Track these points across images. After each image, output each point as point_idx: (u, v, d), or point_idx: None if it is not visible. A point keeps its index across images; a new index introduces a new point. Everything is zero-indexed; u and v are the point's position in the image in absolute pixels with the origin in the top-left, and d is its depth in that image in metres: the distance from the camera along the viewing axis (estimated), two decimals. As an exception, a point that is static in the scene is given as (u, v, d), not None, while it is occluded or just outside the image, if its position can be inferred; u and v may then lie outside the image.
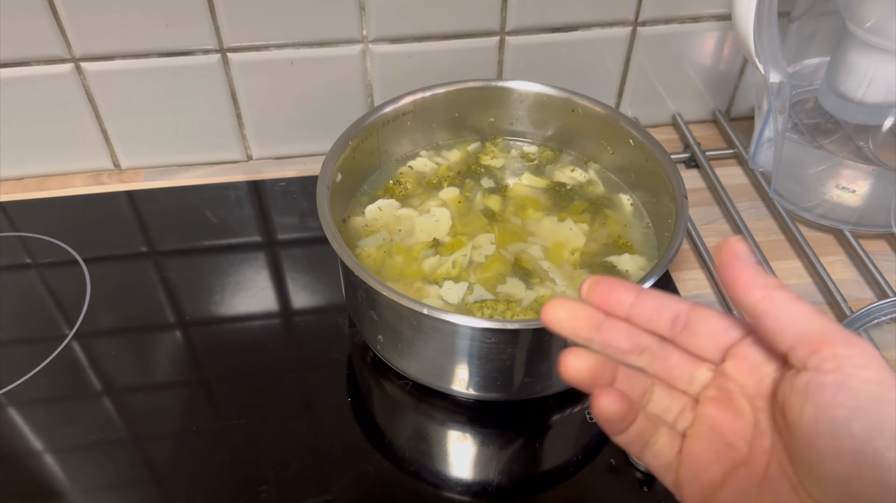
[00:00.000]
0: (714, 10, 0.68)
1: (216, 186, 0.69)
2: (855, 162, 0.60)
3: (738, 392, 0.29)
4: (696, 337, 0.30)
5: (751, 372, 0.29)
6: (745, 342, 0.29)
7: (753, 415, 0.29)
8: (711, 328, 0.30)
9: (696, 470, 0.29)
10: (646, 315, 0.30)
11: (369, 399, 0.53)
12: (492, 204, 0.59)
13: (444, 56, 0.67)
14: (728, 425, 0.29)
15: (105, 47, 0.62)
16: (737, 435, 0.29)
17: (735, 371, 0.29)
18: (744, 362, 0.29)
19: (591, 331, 0.30)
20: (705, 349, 0.30)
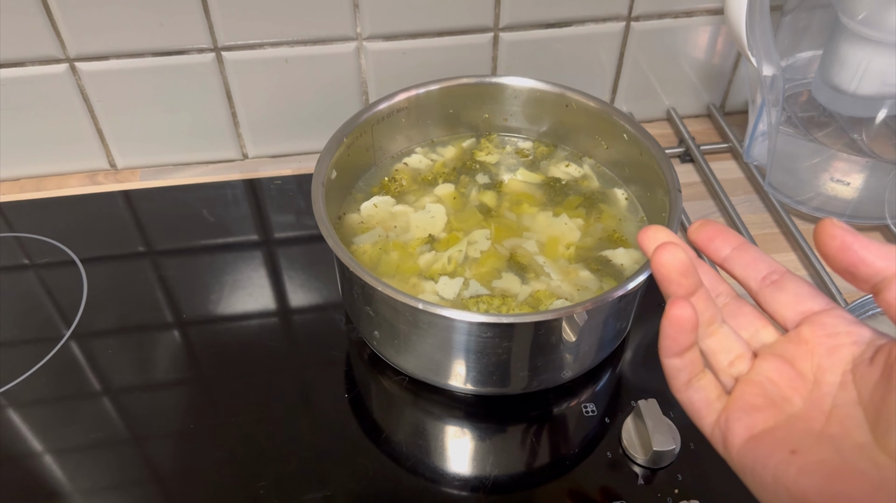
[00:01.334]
0: (707, 5, 0.69)
1: (212, 185, 0.69)
2: (849, 154, 0.60)
3: (806, 355, 0.29)
4: (782, 293, 0.31)
5: (826, 338, 0.29)
6: (828, 312, 0.30)
7: (815, 378, 0.29)
8: (799, 291, 0.30)
9: (747, 409, 0.29)
10: (743, 261, 0.31)
11: (367, 395, 0.53)
12: (487, 200, 0.59)
13: (438, 53, 0.67)
14: (786, 380, 0.29)
15: (99, 47, 0.62)
16: (793, 390, 0.29)
17: (810, 334, 0.30)
18: (822, 328, 0.29)
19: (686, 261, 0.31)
20: (785, 309, 0.30)
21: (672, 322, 0.29)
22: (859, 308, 0.53)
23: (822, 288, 0.59)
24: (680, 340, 0.30)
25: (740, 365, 0.31)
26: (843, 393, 0.28)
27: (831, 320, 0.30)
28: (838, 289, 0.57)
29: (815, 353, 0.29)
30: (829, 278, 0.58)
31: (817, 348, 0.29)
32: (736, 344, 0.31)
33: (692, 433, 0.48)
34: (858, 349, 0.28)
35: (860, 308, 0.53)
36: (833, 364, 0.29)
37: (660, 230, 0.31)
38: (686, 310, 0.29)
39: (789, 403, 0.29)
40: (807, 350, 0.29)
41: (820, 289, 0.58)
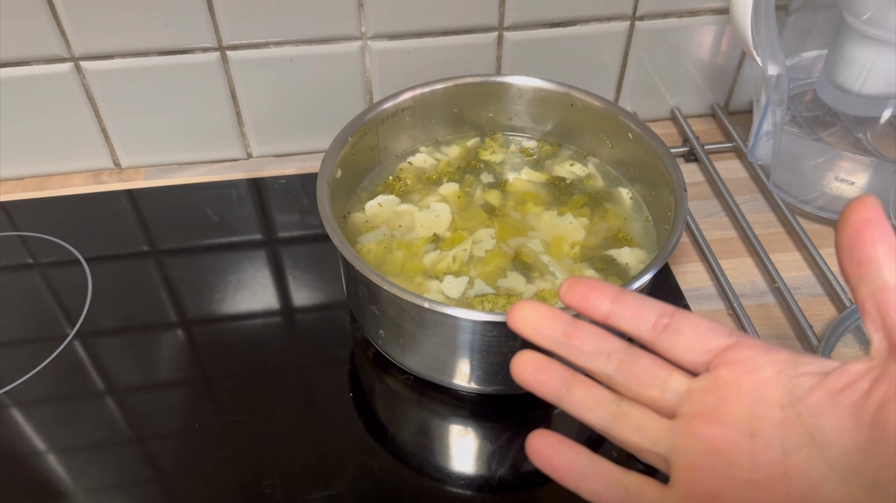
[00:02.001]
0: (712, 4, 0.69)
1: (216, 184, 0.69)
2: (854, 154, 0.60)
3: (732, 401, 0.26)
4: (679, 336, 0.28)
5: (748, 376, 0.26)
6: (738, 345, 0.27)
7: (751, 426, 0.26)
8: (697, 329, 0.28)
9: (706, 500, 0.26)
10: (627, 314, 0.29)
11: (371, 394, 0.53)
12: (491, 199, 0.59)
13: (442, 52, 0.67)
14: (723, 442, 0.26)
15: (104, 46, 0.62)
16: (734, 449, 0.26)
17: (729, 377, 0.27)
18: (740, 365, 0.27)
19: (555, 330, 0.29)
20: (687, 353, 0.28)
21: (537, 459, 0.29)
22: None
23: (826, 287, 0.59)
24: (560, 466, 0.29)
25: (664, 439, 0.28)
26: (789, 434, 0.25)
27: (746, 353, 0.27)
28: (843, 290, 0.57)
29: (741, 397, 0.26)
30: (834, 277, 0.58)
31: (743, 389, 0.26)
32: (646, 418, 0.28)
33: (697, 432, 0.48)
34: (786, 379, 0.26)
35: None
36: (766, 403, 0.26)
37: (524, 308, 0.30)
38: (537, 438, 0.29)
39: (738, 468, 0.26)
40: (731, 395, 0.26)
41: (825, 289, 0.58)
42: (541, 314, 0.30)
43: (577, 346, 0.29)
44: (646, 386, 0.29)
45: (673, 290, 0.59)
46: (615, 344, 0.29)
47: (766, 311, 0.57)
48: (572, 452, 0.29)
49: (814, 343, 0.53)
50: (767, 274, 0.59)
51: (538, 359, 0.30)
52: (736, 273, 0.60)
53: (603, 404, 0.29)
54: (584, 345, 0.29)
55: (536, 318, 0.30)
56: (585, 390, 0.29)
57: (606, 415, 0.29)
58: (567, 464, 0.29)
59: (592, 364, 0.29)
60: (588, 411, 0.29)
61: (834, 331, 0.52)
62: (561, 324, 0.30)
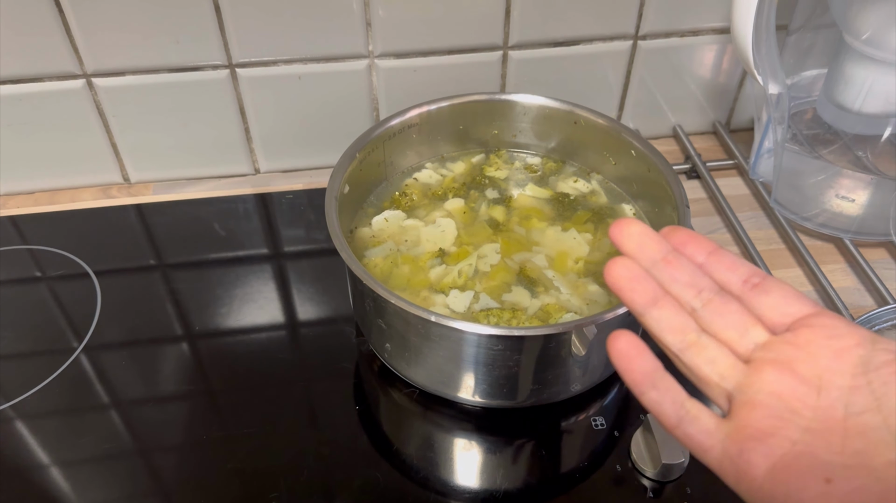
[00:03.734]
0: (713, 24, 0.70)
1: (224, 199, 0.70)
2: (854, 171, 0.61)
3: (807, 359, 0.28)
4: (767, 296, 0.29)
5: (830, 339, 0.28)
6: (822, 314, 0.28)
7: (820, 383, 0.27)
8: (785, 294, 0.29)
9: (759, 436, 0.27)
10: (722, 266, 0.30)
11: (377, 407, 0.53)
12: (496, 214, 0.60)
13: (448, 70, 0.68)
14: (789, 390, 0.27)
15: (116, 63, 0.63)
16: (799, 401, 0.27)
17: (810, 335, 0.28)
18: (823, 329, 0.28)
19: (657, 252, 0.30)
20: (771, 312, 0.29)
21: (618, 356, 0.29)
22: (866, 323, 0.54)
23: (827, 303, 0.59)
24: (636, 369, 0.29)
25: (732, 376, 0.29)
26: (856, 398, 0.26)
27: (830, 321, 0.28)
28: (844, 305, 0.57)
29: (818, 357, 0.27)
30: (835, 293, 0.58)
31: (821, 351, 0.27)
32: (720, 353, 0.29)
33: (701, 447, 0.49)
34: (864, 351, 0.27)
35: (867, 323, 0.54)
36: (840, 367, 0.27)
37: (631, 224, 0.30)
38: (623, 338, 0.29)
39: (799, 416, 0.27)
40: (808, 353, 0.28)
41: (826, 305, 0.59)
42: (646, 233, 0.30)
43: (673, 273, 0.30)
44: (728, 327, 0.29)
45: (676, 306, 0.59)
46: (708, 283, 0.30)
47: (768, 327, 0.58)
48: (652, 360, 0.29)
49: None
50: (770, 290, 0.60)
51: (636, 268, 0.30)
52: (738, 289, 0.61)
53: (684, 329, 0.30)
54: (681, 274, 0.30)
55: (641, 237, 0.30)
56: (672, 311, 0.30)
57: (684, 340, 0.29)
58: (644, 370, 0.29)
59: (683, 293, 0.30)
60: (668, 331, 0.29)
61: (836, 346, 0.52)
62: (662, 249, 0.30)
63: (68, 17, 0.60)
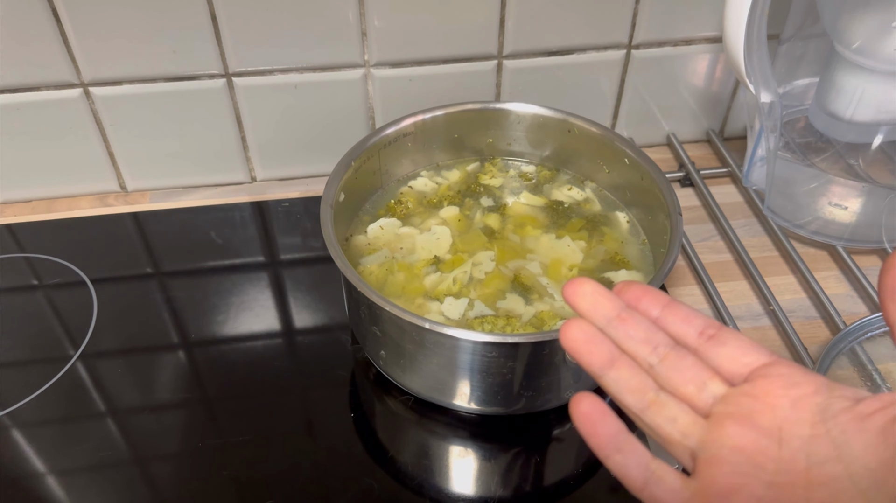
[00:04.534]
0: (706, 33, 0.70)
1: (221, 207, 0.70)
2: (846, 179, 0.61)
3: (766, 410, 0.28)
4: (724, 347, 0.29)
5: (787, 389, 0.28)
6: (778, 363, 0.28)
7: (780, 435, 0.27)
8: (741, 344, 0.29)
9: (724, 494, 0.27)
10: (676, 319, 0.30)
11: (372, 415, 0.53)
12: (491, 222, 0.60)
13: (443, 79, 0.69)
14: (751, 444, 0.27)
15: (114, 72, 0.64)
16: (761, 454, 0.27)
17: (767, 386, 0.28)
18: (780, 379, 0.28)
19: (610, 310, 0.30)
20: (729, 363, 0.29)
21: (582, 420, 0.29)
22: (859, 329, 0.54)
23: (821, 310, 0.59)
24: (601, 433, 0.29)
25: (694, 433, 0.28)
26: (816, 448, 0.26)
27: (787, 370, 0.28)
28: (837, 312, 0.58)
29: (776, 408, 0.27)
30: (828, 300, 0.59)
31: (779, 401, 0.27)
32: (680, 411, 0.29)
33: (695, 453, 0.49)
34: (822, 399, 0.27)
35: (860, 329, 0.54)
36: (799, 416, 0.27)
37: (584, 284, 0.31)
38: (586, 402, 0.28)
39: (762, 470, 0.27)
40: (766, 404, 0.28)
41: (819, 312, 0.59)
42: (599, 292, 0.31)
43: (628, 331, 0.30)
44: (685, 382, 0.29)
45: (670, 313, 0.60)
46: (663, 338, 0.30)
47: (761, 334, 0.58)
48: (615, 422, 0.29)
49: (808, 365, 0.53)
50: (763, 297, 0.60)
51: (590, 330, 0.30)
52: (731, 296, 0.61)
53: (642, 389, 0.30)
54: (635, 331, 0.30)
55: (594, 296, 0.31)
56: (630, 371, 0.30)
57: (643, 400, 0.29)
58: (608, 433, 0.29)
59: (639, 350, 0.30)
60: (627, 392, 0.30)
61: (828, 353, 0.52)
62: (616, 307, 0.31)
63: (65, 26, 0.60)
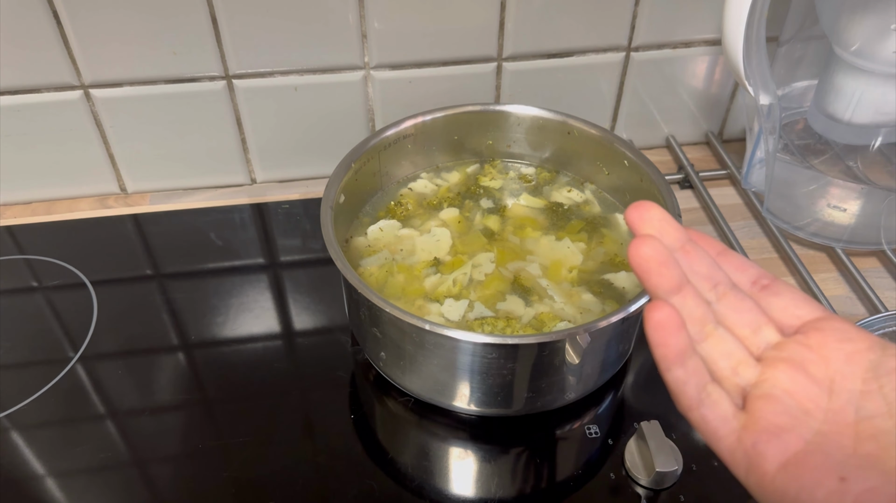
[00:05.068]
0: (705, 36, 0.71)
1: (220, 209, 0.70)
2: (845, 181, 0.61)
3: (819, 361, 0.28)
4: (777, 298, 0.29)
5: (841, 343, 0.28)
6: (834, 319, 0.28)
7: (830, 386, 0.27)
8: (795, 296, 0.29)
9: (774, 430, 0.27)
10: (731, 265, 0.30)
11: (372, 416, 0.53)
12: (491, 224, 0.60)
13: (443, 81, 0.69)
14: (802, 390, 0.27)
15: (114, 75, 0.64)
16: (811, 402, 0.27)
17: (822, 339, 0.28)
18: (834, 333, 0.28)
19: (676, 240, 0.29)
20: (781, 313, 0.29)
21: (655, 328, 0.27)
22: (858, 331, 0.54)
23: (821, 312, 0.59)
24: (671, 344, 0.28)
25: (745, 372, 0.29)
26: (867, 403, 0.27)
27: (841, 325, 0.28)
28: (836, 313, 0.58)
29: (829, 360, 0.28)
30: (827, 302, 0.59)
31: (832, 353, 0.28)
32: (736, 347, 0.29)
33: (694, 454, 0.49)
34: (875, 356, 0.27)
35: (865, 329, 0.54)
36: (852, 371, 0.27)
37: (651, 208, 0.29)
38: (665, 311, 0.27)
39: (811, 417, 0.27)
40: (819, 355, 0.28)
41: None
42: (666, 219, 0.30)
43: (692, 264, 0.29)
44: (741, 324, 0.29)
45: (669, 314, 0.60)
46: (724, 277, 0.30)
47: (761, 335, 0.58)
48: (687, 338, 0.28)
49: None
50: (762, 298, 0.60)
51: (664, 250, 0.28)
52: (731, 297, 0.61)
53: (703, 319, 0.29)
54: (698, 265, 0.29)
55: (661, 222, 0.29)
56: (694, 300, 0.29)
57: (702, 331, 0.29)
58: (679, 346, 0.28)
59: (700, 285, 0.29)
60: (689, 320, 0.29)
61: (828, 354, 0.52)
62: (681, 238, 0.30)
63: (66, 28, 0.60)
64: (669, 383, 0.29)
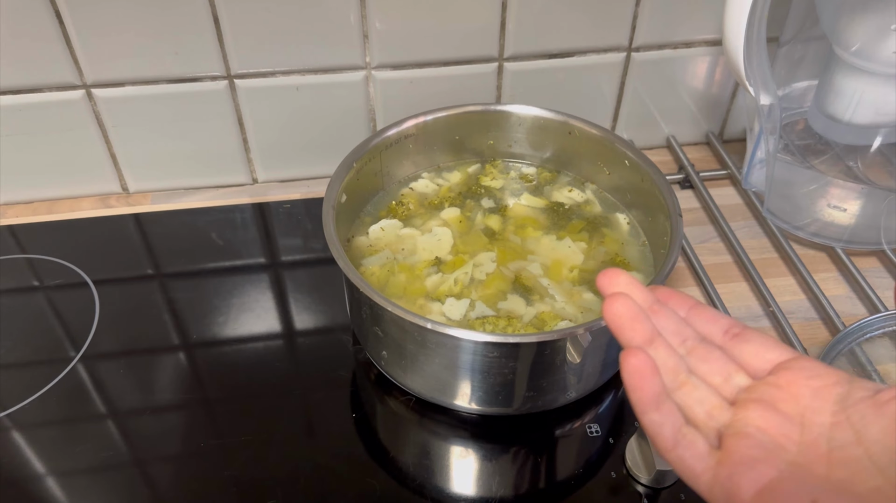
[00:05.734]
0: (706, 36, 0.71)
1: (222, 209, 0.70)
2: (845, 181, 0.62)
3: (789, 399, 0.29)
4: (748, 345, 0.31)
5: (809, 380, 0.29)
6: (801, 358, 0.30)
7: (802, 421, 0.29)
8: (764, 342, 0.31)
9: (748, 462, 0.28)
10: (703, 318, 0.32)
11: (373, 415, 0.53)
12: (492, 223, 0.60)
13: (444, 81, 0.69)
14: (774, 427, 0.29)
15: (116, 74, 0.64)
16: (784, 436, 0.29)
17: (790, 377, 0.30)
18: (801, 371, 0.30)
19: (644, 301, 0.31)
20: (752, 359, 0.31)
21: (631, 373, 0.29)
22: (858, 331, 0.54)
23: (820, 311, 0.60)
24: (647, 388, 0.29)
25: (720, 415, 0.30)
26: (837, 434, 0.28)
27: (809, 364, 0.30)
28: (836, 313, 0.58)
29: (799, 396, 0.29)
30: (827, 302, 0.59)
31: (802, 390, 0.29)
32: (709, 394, 0.31)
33: (695, 454, 0.49)
34: (842, 389, 0.29)
35: (859, 331, 0.54)
36: (821, 405, 0.29)
37: (618, 275, 0.32)
38: (640, 356, 0.29)
39: (784, 451, 0.28)
40: (789, 393, 0.29)
41: (819, 313, 0.59)
42: (633, 283, 0.32)
43: (659, 321, 0.32)
44: (712, 373, 0.31)
45: (670, 314, 0.60)
46: (691, 333, 0.32)
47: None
48: (661, 382, 0.30)
49: (809, 366, 0.53)
50: (762, 298, 0.60)
51: (635, 306, 0.31)
52: (731, 297, 0.61)
53: (677, 368, 0.31)
54: (665, 322, 0.32)
55: (629, 286, 0.32)
56: (666, 351, 0.31)
57: (676, 379, 0.31)
58: (653, 392, 0.30)
59: (669, 340, 0.31)
60: (662, 369, 0.30)
61: (828, 353, 0.53)
62: (648, 299, 0.32)
63: (68, 27, 0.60)
64: (646, 426, 0.30)
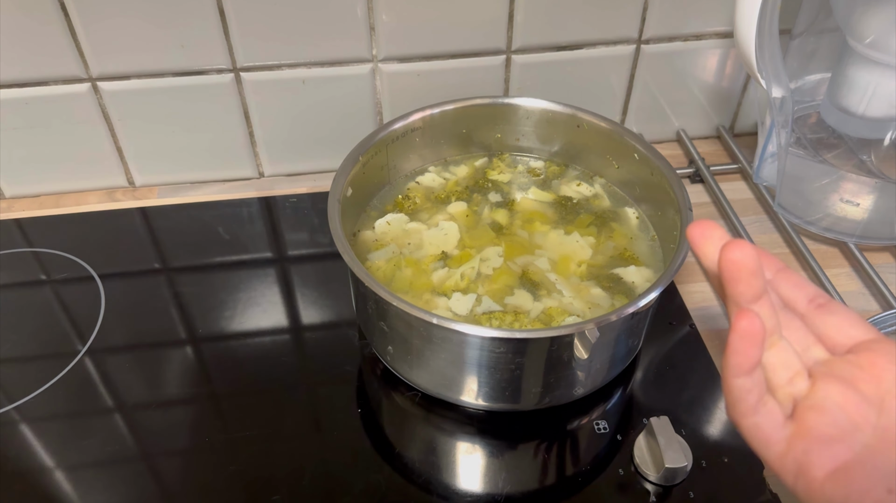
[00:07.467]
0: (716, 28, 0.70)
1: (228, 203, 0.70)
2: (858, 175, 0.61)
3: (870, 380, 0.29)
4: (832, 317, 0.30)
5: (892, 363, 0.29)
6: (885, 341, 0.30)
7: (880, 405, 0.28)
8: (849, 317, 0.30)
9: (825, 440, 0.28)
10: (789, 283, 0.31)
11: (379, 411, 0.53)
12: (499, 217, 0.60)
13: (451, 74, 0.69)
14: (852, 406, 0.28)
15: (122, 67, 0.64)
16: (861, 417, 0.28)
17: (873, 359, 0.29)
18: (886, 355, 0.29)
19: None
20: (834, 332, 0.30)
21: (742, 335, 0.28)
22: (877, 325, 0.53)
23: (833, 308, 0.59)
24: (750, 355, 0.28)
25: (798, 383, 0.30)
26: None
27: (893, 348, 0.29)
28: (850, 309, 0.57)
29: (881, 379, 0.29)
30: (840, 298, 0.58)
31: (884, 374, 0.29)
32: (794, 359, 0.30)
33: (704, 450, 0.49)
34: None
35: (877, 325, 0.53)
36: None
37: (714, 228, 0.30)
38: (755, 323, 0.27)
39: (860, 431, 0.28)
40: (871, 374, 0.29)
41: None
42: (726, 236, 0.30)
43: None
44: (792, 341, 0.30)
45: (679, 310, 0.59)
46: (776, 298, 0.31)
47: (772, 331, 0.58)
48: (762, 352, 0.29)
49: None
50: (773, 294, 0.60)
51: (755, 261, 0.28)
52: (742, 293, 0.61)
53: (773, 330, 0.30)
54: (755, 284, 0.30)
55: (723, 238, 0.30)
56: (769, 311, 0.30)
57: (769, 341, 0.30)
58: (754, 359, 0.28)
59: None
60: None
61: (840, 350, 0.52)
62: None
63: (74, 21, 0.60)
64: (733, 389, 0.29)
